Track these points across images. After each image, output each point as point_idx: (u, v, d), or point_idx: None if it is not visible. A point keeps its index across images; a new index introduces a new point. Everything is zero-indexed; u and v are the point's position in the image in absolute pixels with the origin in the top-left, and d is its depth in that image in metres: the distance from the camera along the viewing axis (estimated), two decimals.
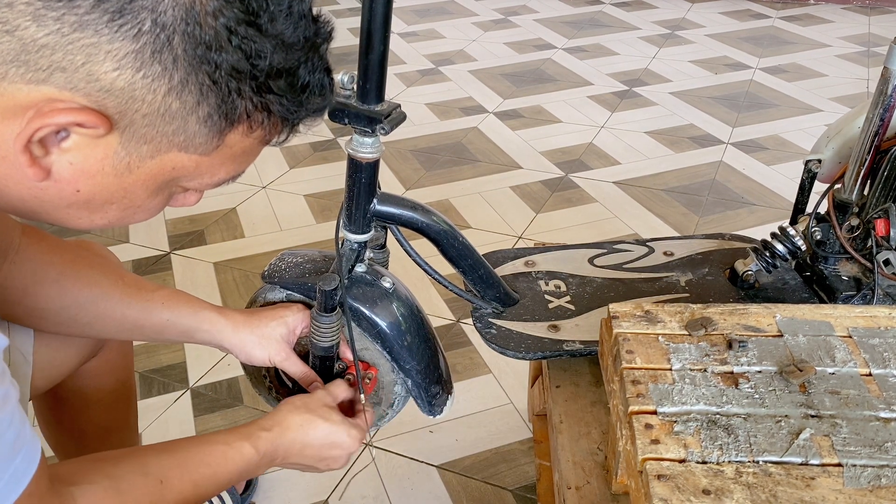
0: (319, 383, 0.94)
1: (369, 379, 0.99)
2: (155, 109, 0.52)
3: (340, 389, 0.92)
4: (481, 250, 1.10)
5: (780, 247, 1.13)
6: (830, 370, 0.81)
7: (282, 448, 0.82)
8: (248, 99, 0.54)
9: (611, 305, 0.91)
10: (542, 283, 1.20)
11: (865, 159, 1.06)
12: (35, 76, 0.49)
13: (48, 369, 0.90)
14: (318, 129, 2.81)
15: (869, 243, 1.06)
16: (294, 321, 0.94)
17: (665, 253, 1.26)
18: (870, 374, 0.81)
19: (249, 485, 1.33)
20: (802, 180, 1.19)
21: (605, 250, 1.28)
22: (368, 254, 1.02)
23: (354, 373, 0.96)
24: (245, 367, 1.07)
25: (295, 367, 0.94)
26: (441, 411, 1.02)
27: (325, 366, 0.96)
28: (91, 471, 0.66)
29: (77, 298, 0.84)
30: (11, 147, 0.51)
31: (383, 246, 1.08)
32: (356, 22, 4.37)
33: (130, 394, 1.13)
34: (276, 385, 1.07)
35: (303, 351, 1.02)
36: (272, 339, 0.92)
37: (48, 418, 1.08)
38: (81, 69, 0.49)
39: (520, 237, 2.09)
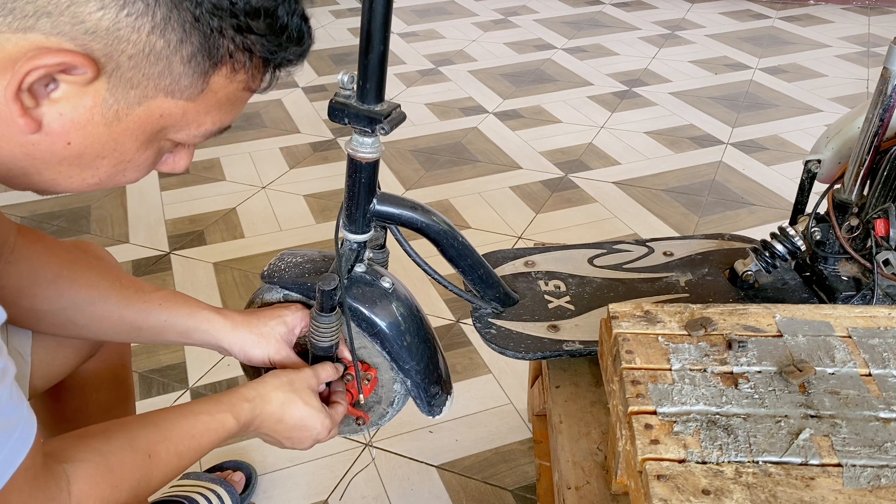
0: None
1: (368, 380, 0.99)
2: (140, 50, 0.53)
3: (326, 372, 0.92)
4: (481, 250, 1.10)
5: (779, 247, 1.13)
6: (830, 370, 0.81)
7: (258, 419, 0.83)
8: (230, 39, 0.56)
9: (610, 305, 0.91)
10: (541, 283, 1.20)
11: (865, 159, 1.06)
12: (22, 24, 0.50)
13: (46, 369, 0.90)
14: (318, 130, 2.81)
15: (868, 243, 1.06)
16: (293, 320, 0.94)
17: (665, 253, 1.26)
18: (869, 375, 0.81)
19: (249, 484, 1.33)
20: (802, 180, 1.19)
21: (605, 250, 1.28)
22: (368, 254, 1.02)
23: (353, 373, 0.96)
24: (244, 367, 1.07)
25: (294, 367, 0.94)
26: (440, 412, 1.02)
27: None
28: (81, 447, 0.67)
29: (74, 300, 0.84)
30: (3, 98, 0.52)
31: (383, 246, 1.08)
32: (356, 22, 4.39)
33: (129, 394, 1.13)
34: None
35: (302, 350, 1.02)
36: (271, 337, 0.92)
37: (46, 419, 1.07)
38: (66, 12, 0.50)
39: (519, 237, 2.09)
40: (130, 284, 0.88)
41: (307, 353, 0.97)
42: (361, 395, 0.96)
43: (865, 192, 1.10)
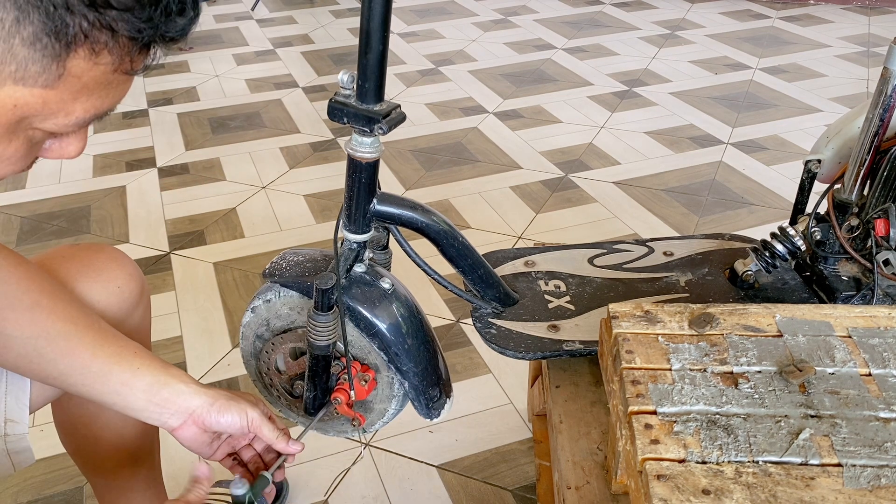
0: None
1: (365, 381, 0.99)
2: None
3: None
4: (481, 250, 1.10)
5: (779, 247, 1.13)
6: (830, 370, 0.81)
7: None
8: (82, 16, 0.47)
9: (610, 305, 0.91)
10: (541, 283, 1.20)
11: (865, 159, 1.06)
12: None
13: (47, 386, 0.90)
14: (319, 129, 2.81)
15: (869, 243, 1.06)
16: (263, 413, 0.87)
17: (665, 253, 1.26)
18: (869, 374, 0.81)
19: (280, 495, 1.33)
20: (802, 180, 1.19)
21: (605, 250, 1.28)
22: (369, 254, 1.02)
23: (350, 372, 0.96)
24: (247, 366, 1.07)
25: (269, 429, 0.88)
26: (439, 414, 1.02)
27: (322, 365, 0.96)
28: None
29: (49, 330, 0.79)
30: None
31: (385, 247, 1.08)
32: (356, 22, 4.39)
33: None
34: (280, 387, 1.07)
35: (299, 353, 1.02)
36: (246, 401, 0.86)
37: (64, 424, 1.07)
38: None
39: (520, 237, 2.08)
40: (109, 329, 0.84)
41: (304, 355, 0.97)
42: (353, 393, 0.96)
43: (865, 192, 1.10)
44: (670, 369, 0.81)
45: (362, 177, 0.93)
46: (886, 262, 1.03)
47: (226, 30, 4.02)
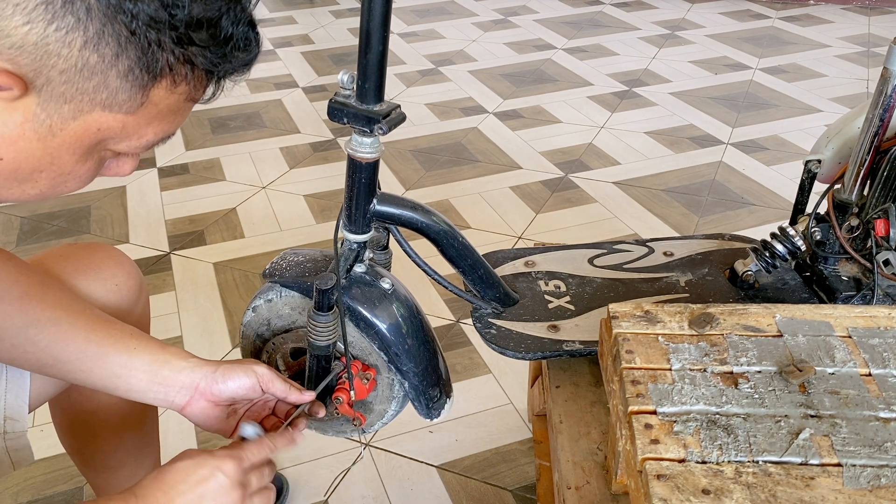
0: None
1: (367, 380, 0.99)
2: (72, 65, 0.51)
3: (253, 454, 0.76)
4: (481, 250, 1.10)
5: (779, 247, 1.13)
6: (830, 370, 0.81)
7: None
8: (170, 51, 0.53)
9: (610, 305, 0.91)
10: (541, 283, 1.20)
11: (865, 159, 1.06)
12: None
13: (46, 383, 0.89)
14: (319, 130, 2.81)
15: (869, 243, 1.06)
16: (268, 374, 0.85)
17: (665, 253, 1.26)
18: (869, 375, 0.81)
19: (280, 495, 1.33)
20: (802, 180, 1.19)
21: (605, 250, 1.28)
22: (369, 254, 1.02)
23: (350, 372, 0.96)
24: (243, 349, 1.07)
25: (280, 383, 0.86)
26: (439, 415, 1.02)
27: (322, 365, 0.96)
28: None
29: (39, 318, 0.79)
30: None
31: (386, 247, 1.08)
32: (356, 22, 4.39)
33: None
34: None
35: (299, 352, 1.02)
36: (252, 363, 0.85)
37: (63, 423, 1.07)
38: None
39: (520, 237, 2.08)
40: (101, 314, 0.83)
41: (304, 355, 0.97)
42: (353, 393, 0.96)
43: (865, 192, 1.10)
44: (670, 369, 0.81)
45: (362, 177, 0.93)
46: (886, 262, 1.03)
47: None
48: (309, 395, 0.87)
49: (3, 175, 0.55)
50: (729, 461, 0.71)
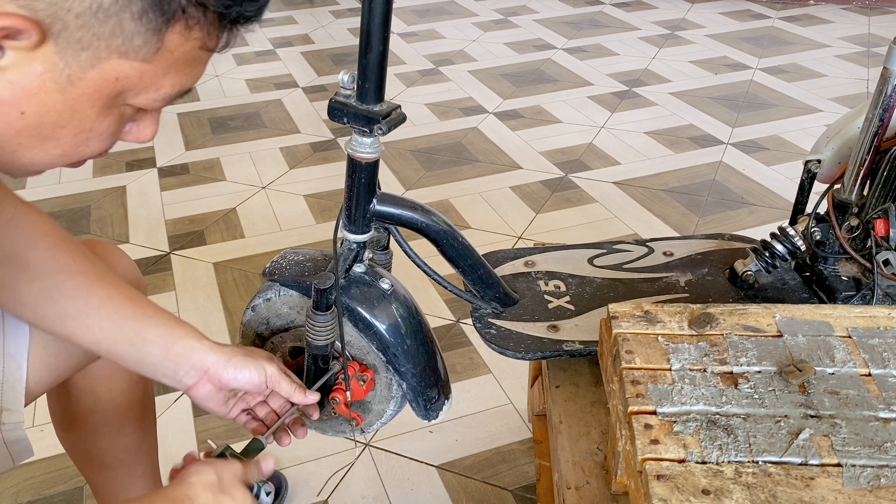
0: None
1: (364, 381, 0.98)
2: (87, 7, 0.51)
3: (253, 473, 0.80)
4: (481, 250, 1.10)
5: (779, 247, 1.13)
6: (830, 370, 0.81)
7: None
8: None
9: (610, 305, 0.91)
10: (541, 283, 1.20)
11: (865, 159, 1.06)
12: None
13: (47, 371, 0.89)
14: (319, 129, 2.81)
15: (868, 243, 1.06)
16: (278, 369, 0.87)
17: (665, 253, 1.26)
18: (869, 375, 0.81)
19: (279, 494, 1.33)
20: (802, 180, 1.19)
21: (605, 250, 1.28)
22: (369, 255, 1.02)
23: (347, 372, 0.96)
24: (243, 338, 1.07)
25: (287, 384, 0.88)
26: (437, 416, 1.02)
27: (320, 364, 0.96)
28: None
29: (69, 267, 0.81)
30: None
31: (386, 247, 1.08)
32: (356, 22, 4.39)
33: (144, 391, 1.09)
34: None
35: (298, 351, 1.02)
36: (262, 353, 0.87)
37: (62, 419, 1.06)
38: None
39: (519, 237, 2.09)
40: (122, 281, 0.85)
41: (303, 354, 0.97)
42: (349, 393, 0.96)
43: (865, 192, 1.10)
44: (670, 369, 0.81)
45: (362, 177, 0.93)
46: (886, 262, 1.03)
47: None
48: (312, 398, 0.88)
49: (25, 132, 0.56)
50: (729, 461, 0.71)
